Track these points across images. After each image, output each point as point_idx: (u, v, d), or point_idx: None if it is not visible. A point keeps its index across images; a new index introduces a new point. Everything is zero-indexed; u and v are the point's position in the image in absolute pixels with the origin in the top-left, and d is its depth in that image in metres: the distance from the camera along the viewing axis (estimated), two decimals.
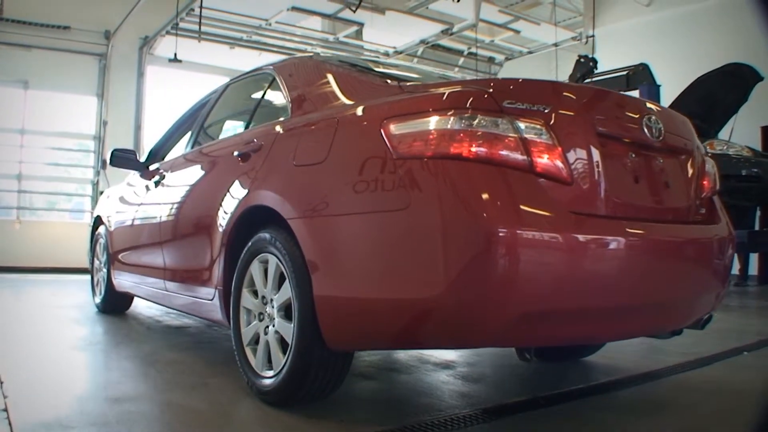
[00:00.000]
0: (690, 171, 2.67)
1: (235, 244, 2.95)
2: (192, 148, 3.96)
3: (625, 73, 7.10)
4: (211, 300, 3.20)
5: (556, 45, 12.02)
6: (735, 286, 8.51)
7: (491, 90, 2.11)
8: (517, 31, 11.73)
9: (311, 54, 3.35)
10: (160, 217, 3.89)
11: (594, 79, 7.53)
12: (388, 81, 2.64)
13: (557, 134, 2.11)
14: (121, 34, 10.35)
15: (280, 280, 2.61)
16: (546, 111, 2.12)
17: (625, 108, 2.47)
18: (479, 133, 2.01)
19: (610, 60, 9.68)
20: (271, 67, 3.41)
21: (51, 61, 9.96)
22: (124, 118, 10.62)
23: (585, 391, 2.98)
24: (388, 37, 11.47)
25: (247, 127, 3.44)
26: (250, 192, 2.83)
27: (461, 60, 13.23)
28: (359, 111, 2.45)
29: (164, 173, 4.03)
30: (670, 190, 2.54)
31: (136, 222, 4.41)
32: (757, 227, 8.85)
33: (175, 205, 3.76)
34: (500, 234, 1.92)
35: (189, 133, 4.21)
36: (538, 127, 2.08)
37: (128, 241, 4.58)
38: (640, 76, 6.86)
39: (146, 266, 4.16)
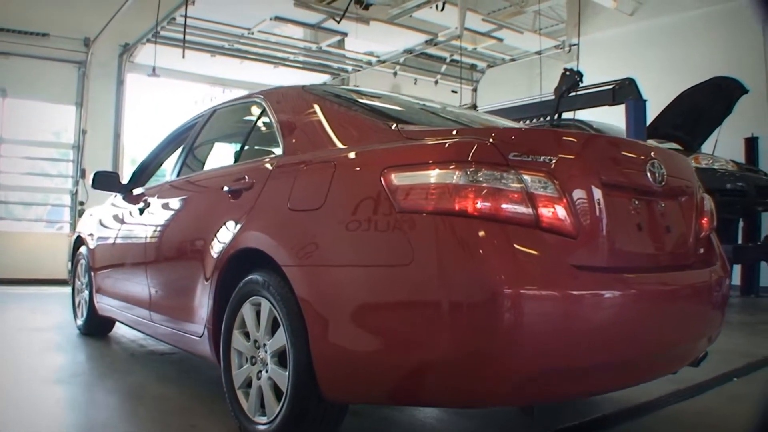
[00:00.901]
0: (690, 212, 2.66)
1: (225, 283, 2.88)
2: (178, 175, 3.87)
3: (611, 87, 7.08)
4: (200, 337, 3.13)
5: (539, 53, 12.03)
6: None
7: (496, 141, 2.06)
8: (500, 39, 11.73)
9: (302, 85, 3.25)
10: (146, 246, 3.80)
11: (580, 92, 7.51)
12: (386, 122, 2.57)
13: (563, 187, 2.07)
14: (100, 42, 10.21)
15: (274, 324, 2.55)
16: (552, 162, 2.08)
17: (629, 154, 2.45)
18: (485, 188, 1.97)
19: (594, 69, 9.69)
20: (261, 96, 3.33)
21: (29, 68, 9.79)
22: (103, 127, 10.47)
23: (575, 430, 2.94)
24: (371, 46, 11.42)
25: (236, 159, 3.36)
26: (241, 232, 2.76)
27: (444, 67, 13.21)
28: (357, 156, 2.39)
29: (150, 200, 3.94)
30: (671, 234, 2.53)
31: (121, 248, 4.31)
32: (739, 239, 8.92)
33: (162, 237, 3.67)
34: (505, 294, 1.89)
35: (175, 158, 4.11)
36: (544, 180, 2.04)
37: (112, 266, 4.48)
38: (627, 90, 6.86)
39: (131, 295, 4.07)
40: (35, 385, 3.61)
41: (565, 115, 8.16)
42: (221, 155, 4.16)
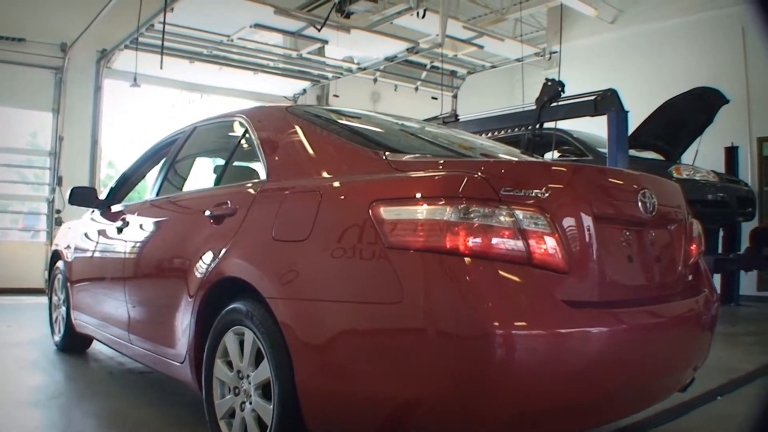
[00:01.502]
0: (679, 240, 2.65)
1: (207, 310, 2.82)
2: (158, 193, 3.80)
3: (593, 98, 7.07)
4: (182, 363, 3.06)
5: (519, 60, 12.04)
6: None
7: (488, 175, 2.02)
8: (481, 47, 11.71)
9: (286, 106, 3.19)
10: (125, 267, 3.72)
11: (561, 102, 7.49)
12: (373, 149, 2.52)
13: (555, 221, 2.04)
14: (78, 47, 10.04)
15: (257, 356, 2.49)
16: (544, 196, 2.05)
17: (621, 185, 2.43)
18: (476, 225, 1.93)
19: (574, 77, 9.72)
20: (244, 117, 3.25)
21: (5, 74, 9.58)
22: (80, 134, 10.29)
23: None
24: (352, 52, 11.36)
25: (218, 181, 3.29)
26: (224, 260, 2.70)
27: (424, 74, 13.18)
28: (344, 187, 2.34)
29: (129, 219, 3.85)
30: (660, 263, 2.52)
31: (99, 267, 4.23)
32: (719, 247, 9.01)
33: (142, 258, 3.60)
34: (496, 334, 1.86)
35: (155, 175, 4.03)
36: (537, 215, 2.01)
37: (90, 284, 4.40)
38: (608, 101, 6.84)
39: (109, 315, 3.99)
40: (12, 408, 3.52)
41: (547, 125, 8.16)
42: (202, 175, 4.09)
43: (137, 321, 3.61)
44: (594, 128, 8.10)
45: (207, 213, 2.93)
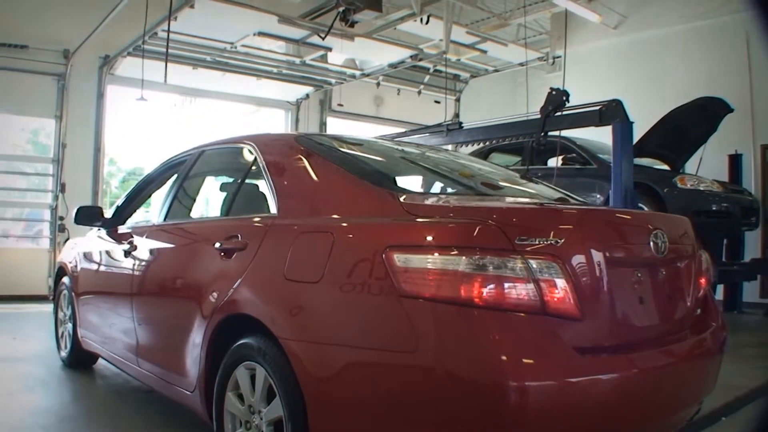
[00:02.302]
0: (689, 275, 2.66)
1: (217, 342, 2.83)
2: (166, 217, 3.79)
3: (598, 108, 7.05)
4: (192, 392, 3.07)
5: (523, 64, 12.03)
6: None
7: (502, 224, 2.01)
8: (484, 51, 11.71)
9: (295, 135, 3.18)
10: (133, 292, 3.72)
11: (566, 112, 7.48)
12: (386, 188, 2.51)
13: (569, 269, 2.04)
14: (80, 54, 10.04)
15: (269, 392, 2.50)
16: (558, 244, 2.05)
17: (634, 227, 2.43)
18: (491, 277, 1.93)
19: (577, 82, 9.73)
20: (252, 145, 3.24)
21: (7, 81, 9.58)
22: (83, 140, 10.30)
23: None
24: (355, 57, 11.37)
25: (227, 211, 3.27)
26: (235, 296, 2.70)
27: (427, 78, 13.19)
28: (358, 230, 2.34)
29: (136, 243, 3.84)
30: (671, 301, 2.52)
31: (107, 289, 4.23)
32: (723, 256, 9.00)
33: (150, 285, 3.61)
34: (510, 386, 1.86)
35: (161, 197, 4.01)
36: (551, 263, 2.01)
37: (98, 305, 4.39)
38: (613, 112, 6.81)
39: (117, 337, 3.99)
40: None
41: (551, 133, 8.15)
42: (211, 201, 4.09)
43: (146, 346, 3.61)
44: (596, 134, 8.09)
45: (217, 245, 2.93)
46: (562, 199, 3.00)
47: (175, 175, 4.00)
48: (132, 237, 3.97)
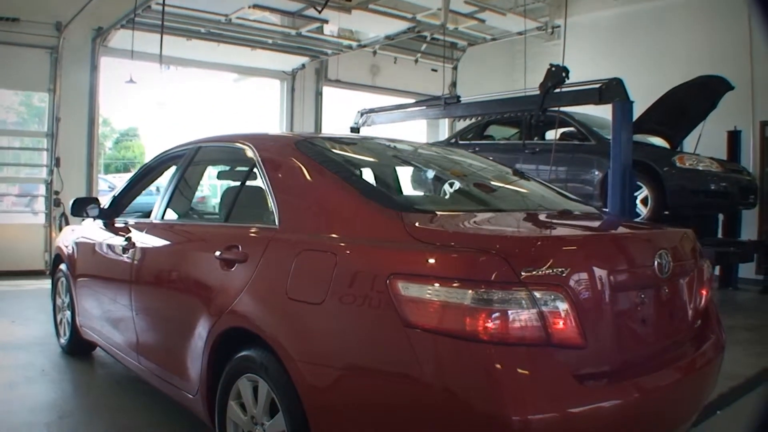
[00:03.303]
0: (691, 289, 2.67)
1: (219, 351, 2.83)
2: (163, 215, 3.75)
3: (597, 86, 6.98)
4: (193, 396, 3.08)
5: (521, 33, 11.88)
6: None
7: (509, 255, 1.99)
8: (482, 21, 11.57)
9: (295, 140, 3.13)
10: (131, 289, 3.70)
11: (565, 89, 7.40)
12: (389, 206, 2.47)
13: (574, 298, 2.03)
14: (73, 26, 9.84)
15: (272, 406, 2.51)
16: (564, 274, 2.03)
17: (639, 250, 2.41)
18: (497, 311, 1.92)
19: (575, 52, 9.62)
20: (251, 146, 3.18)
21: None
22: (77, 113, 10.17)
23: None
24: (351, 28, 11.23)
25: (226, 216, 3.21)
26: (236, 309, 2.69)
27: (424, 46, 13.04)
28: (361, 254, 2.31)
29: (134, 240, 3.80)
30: (673, 319, 2.53)
31: (104, 283, 4.21)
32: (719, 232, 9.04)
33: (149, 286, 3.60)
34: (513, 420, 1.87)
35: (159, 192, 3.96)
36: (557, 294, 2.00)
37: (95, 298, 4.38)
38: (614, 91, 6.74)
39: (117, 333, 4.00)
40: (23, 430, 3.55)
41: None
42: (208, 201, 4.07)
43: (146, 344, 3.61)
44: (595, 108, 8.02)
45: (217, 253, 2.90)
46: (565, 212, 2.98)
47: (173, 170, 3.95)
48: (129, 232, 3.93)
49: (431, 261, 2.09)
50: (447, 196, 3.05)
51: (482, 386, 1.91)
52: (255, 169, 3.11)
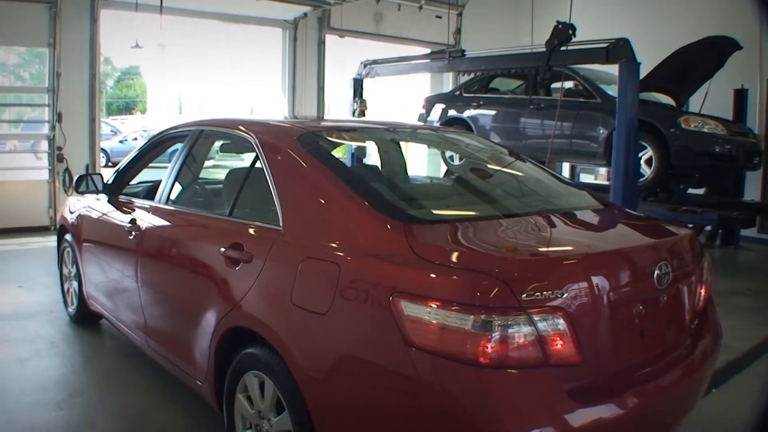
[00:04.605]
0: (690, 292, 2.68)
1: (224, 345, 2.90)
2: (167, 200, 3.76)
3: (604, 46, 6.86)
4: (201, 384, 3.16)
5: None
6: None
7: (508, 279, 2.01)
8: None
9: (298, 134, 3.10)
10: (137, 271, 3.73)
11: (571, 48, 7.29)
12: (393, 216, 2.47)
13: (572, 318, 2.07)
14: None
15: (278, 403, 2.58)
16: (562, 297, 2.06)
17: (638, 264, 2.42)
18: (497, 337, 1.96)
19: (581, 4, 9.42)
20: (254, 139, 3.15)
21: None
22: (78, 68, 10.03)
23: None
24: None
25: (231, 209, 3.19)
26: (241, 309, 2.74)
27: None
28: (365, 268, 2.32)
29: (139, 222, 3.81)
30: (670, 326, 2.57)
31: (110, 261, 4.24)
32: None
33: (154, 272, 3.63)
34: None
35: (163, 173, 3.95)
36: (555, 317, 2.03)
37: (102, 272, 4.42)
38: (620, 51, 6.63)
39: (124, 310, 4.06)
40: (39, 411, 3.62)
41: None
42: (211, 189, 4.10)
43: (154, 328, 3.67)
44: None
45: (222, 250, 2.93)
46: (568, 215, 2.98)
47: (174, 152, 3.94)
48: (134, 213, 3.95)
49: (433, 282, 2.11)
50: (450, 185, 3.06)
51: (481, 407, 1.97)
52: (257, 162, 3.11)
